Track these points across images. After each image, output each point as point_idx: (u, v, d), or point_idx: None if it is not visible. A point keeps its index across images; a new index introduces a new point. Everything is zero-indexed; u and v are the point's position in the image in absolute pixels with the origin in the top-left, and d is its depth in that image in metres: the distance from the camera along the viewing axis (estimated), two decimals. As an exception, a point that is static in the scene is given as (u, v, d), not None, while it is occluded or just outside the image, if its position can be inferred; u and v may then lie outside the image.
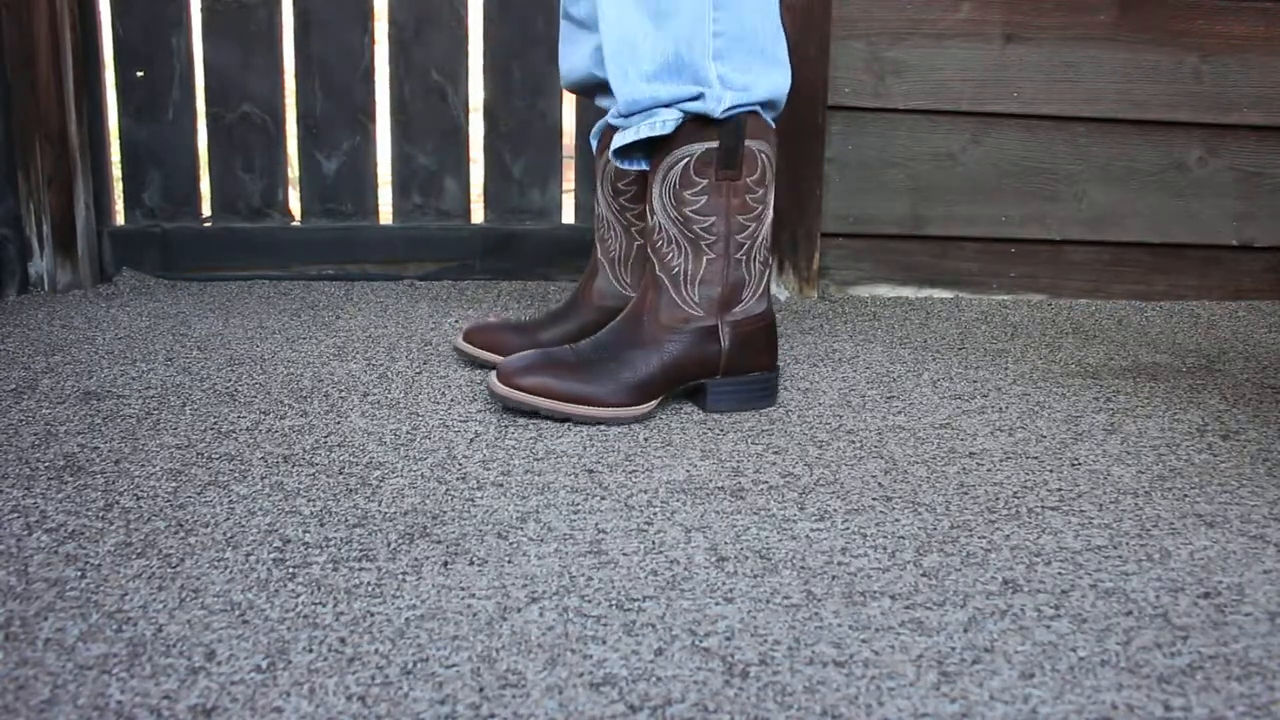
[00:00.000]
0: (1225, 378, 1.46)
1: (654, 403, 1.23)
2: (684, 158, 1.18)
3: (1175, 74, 1.88)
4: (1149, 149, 1.91)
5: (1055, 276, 1.93)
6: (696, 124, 1.17)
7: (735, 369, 1.25)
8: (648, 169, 1.24)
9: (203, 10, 1.83)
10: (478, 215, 1.96)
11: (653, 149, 1.22)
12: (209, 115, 1.87)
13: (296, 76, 1.88)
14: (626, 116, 1.19)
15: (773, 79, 1.20)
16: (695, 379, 1.25)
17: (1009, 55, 1.85)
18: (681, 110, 1.17)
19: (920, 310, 1.81)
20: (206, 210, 1.91)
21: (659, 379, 1.22)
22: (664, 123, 1.17)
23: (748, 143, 1.19)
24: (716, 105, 1.16)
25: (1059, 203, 1.91)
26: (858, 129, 1.86)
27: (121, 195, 1.93)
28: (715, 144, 1.18)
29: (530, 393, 1.19)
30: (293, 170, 1.92)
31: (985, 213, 1.90)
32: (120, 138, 1.86)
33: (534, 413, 1.21)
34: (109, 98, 1.85)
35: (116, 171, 1.91)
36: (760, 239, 1.23)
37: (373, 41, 1.88)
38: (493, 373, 1.23)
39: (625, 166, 1.24)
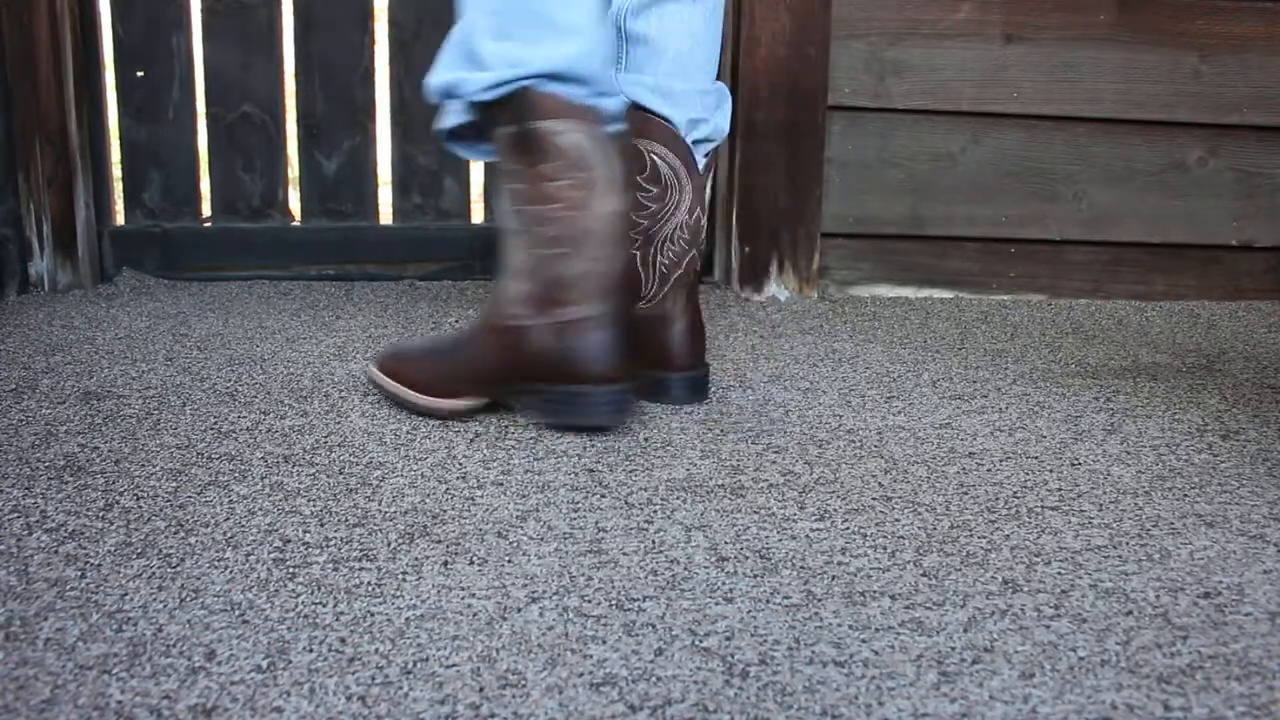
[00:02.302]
0: (1225, 378, 1.46)
1: (466, 401, 1.18)
2: (497, 145, 1.13)
3: (1175, 74, 1.88)
4: (1149, 149, 1.91)
5: (1055, 276, 1.93)
6: (495, 110, 1.10)
7: (554, 377, 1.14)
8: (491, 158, 1.19)
9: (203, 10, 1.83)
10: (478, 215, 1.96)
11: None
12: (209, 115, 1.87)
13: (296, 76, 1.88)
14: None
15: (549, 49, 1.08)
16: (521, 382, 1.16)
17: (1009, 55, 1.85)
18: (455, 95, 1.12)
19: (920, 310, 1.81)
20: (206, 210, 1.91)
21: (467, 377, 1.17)
22: (453, 113, 1.15)
23: (541, 124, 1.08)
24: (476, 87, 1.09)
25: (1058, 203, 1.91)
26: (858, 129, 1.86)
27: (121, 195, 1.93)
28: (514, 128, 1.10)
29: (381, 371, 1.23)
30: (293, 170, 1.92)
31: (985, 213, 1.90)
32: (120, 138, 1.86)
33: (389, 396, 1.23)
34: (109, 98, 1.85)
35: (116, 171, 1.92)
36: (579, 234, 1.11)
37: (373, 41, 1.88)
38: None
39: (464, 154, 1.22)
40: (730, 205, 1.87)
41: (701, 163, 1.25)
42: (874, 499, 1.03)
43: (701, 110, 1.23)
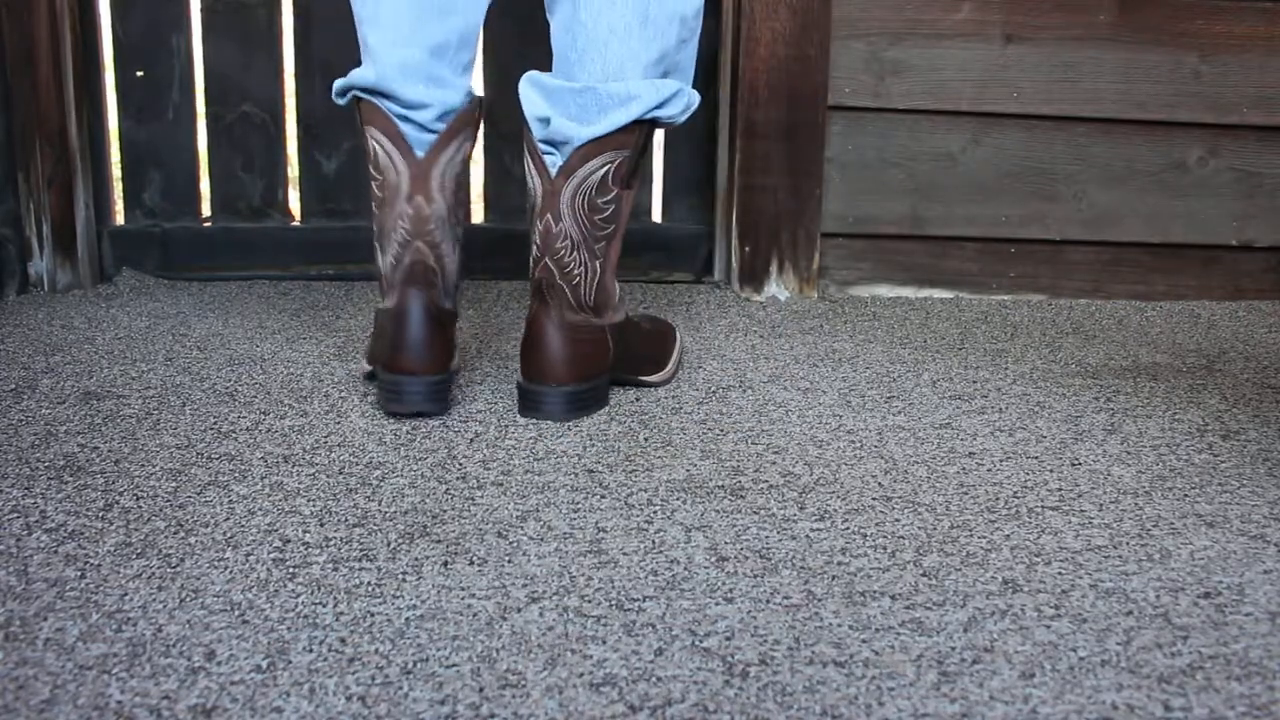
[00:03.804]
0: (1225, 378, 1.46)
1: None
2: None
3: (1175, 74, 1.88)
4: (1149, 149, 1.91)
5: (1055, 276, 1.93)
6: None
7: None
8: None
9: (203, 10, 1.83)
10: (478, 215, 1.96)
11: None
12: (209, 115, 1.87)
13: (296, 76, 1.88)
14: None
15: (362, 69, 1.20)
16: None
17: (1009, 55, 1.85)
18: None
19: (920, 310, 1.81)
20: (206, 210, 1.91)
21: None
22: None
23: (366, 129, 1.21)
24: (334, 90, 1.24)
25: (1059, 203, 1.91)
26: (858, 129, 1.86)
27: (121, 195, 1.93)
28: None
29: None
30: (293, 170, 1.92)
31: (985, 213, 1.90)
32: (120, 138, 1.86)
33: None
34: (109, 98, 1.85)
35: (116, 171, 1.91)
36: (379, 229, 1.21)
37: (373, 41, 1.87)
38: None
39: None
40: (730, 205, 1.87)
41: (553, 165, 1.20)
42: (874, 499, 1.03)
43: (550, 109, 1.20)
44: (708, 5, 1.90)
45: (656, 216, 1.98)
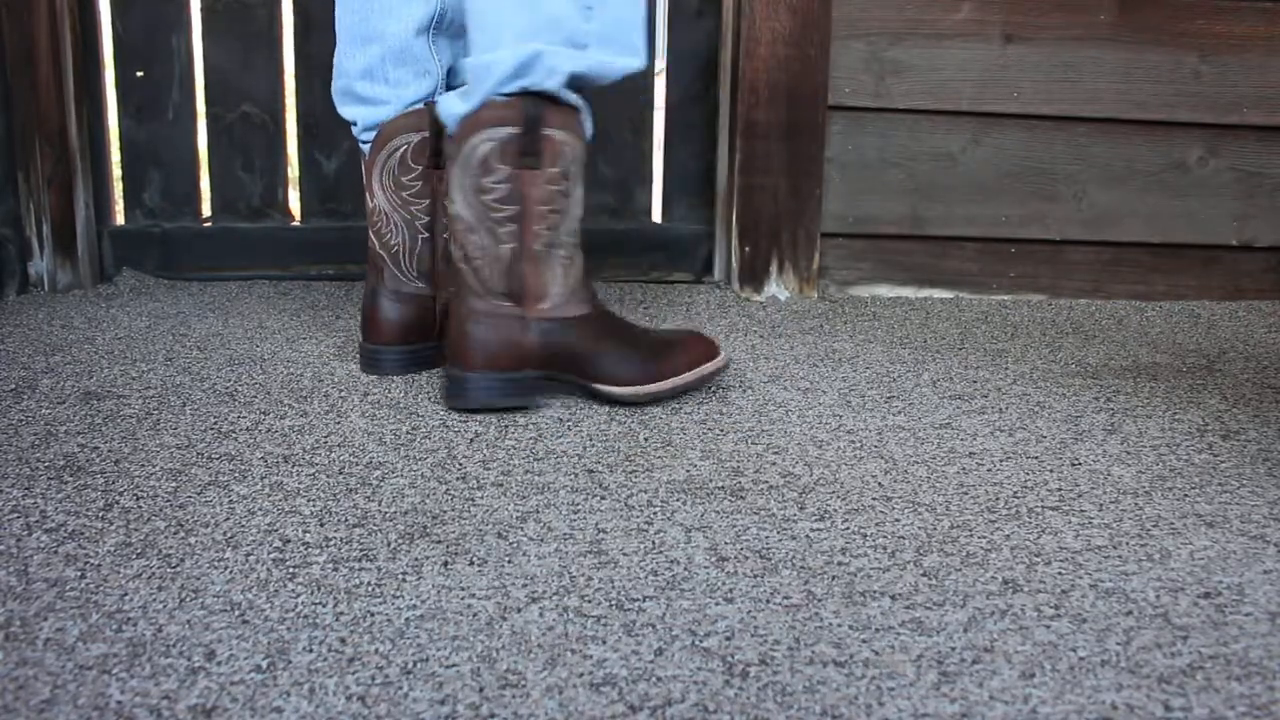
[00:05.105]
0: (1225, 378, 1.46)
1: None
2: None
3: (1175, 74, 1.88)
4: (1149, 149, 1.91)
5: (1055, 276, 1.93)
6: None
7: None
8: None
9: (203, 10, 1.83)
10: (478, 215, 1.96)
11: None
12: (209, 115, 1.87)
13: (296, 76, 1.88)
14: None
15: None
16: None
17: (1009, 55, 1.85)
18: None
19: (920, 310, 1.81)
20: (206, 210, 1.91)
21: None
22: None
23: None
24: None
25: (1059, 203, 1.91)
26: (858, 129, 1.86)
27: (121, 195, 1.93)
28: None
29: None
30: (293, 170, 1.92)
31: (985, 213, 1.90)
32: (120, 138, 1.86)
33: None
34: (109, 98, 1.85)
35: (116, 171, 1.92)
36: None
37: (373, 41, 1.87)
38: None
39: None
40: (730, 205, 1.87)
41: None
42: (874, 499, 1.03)
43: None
44: (708, 5, 1.90)
45: (656, 216, 1.98)
